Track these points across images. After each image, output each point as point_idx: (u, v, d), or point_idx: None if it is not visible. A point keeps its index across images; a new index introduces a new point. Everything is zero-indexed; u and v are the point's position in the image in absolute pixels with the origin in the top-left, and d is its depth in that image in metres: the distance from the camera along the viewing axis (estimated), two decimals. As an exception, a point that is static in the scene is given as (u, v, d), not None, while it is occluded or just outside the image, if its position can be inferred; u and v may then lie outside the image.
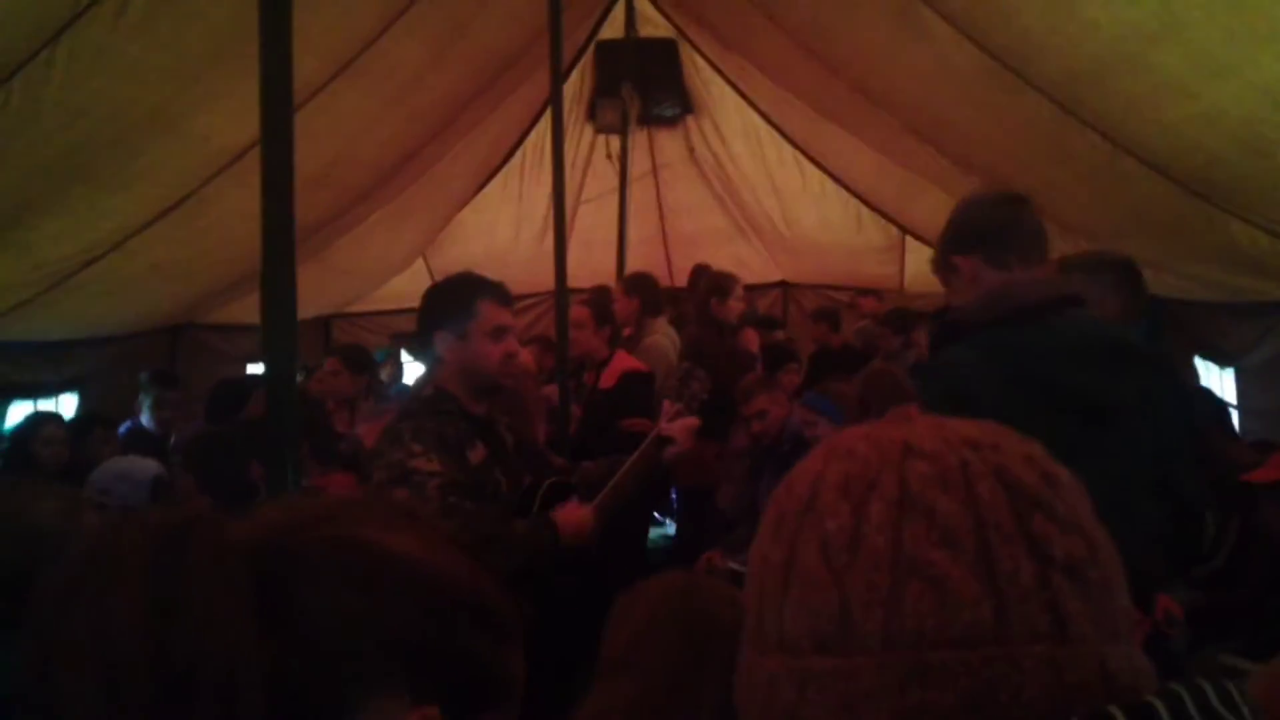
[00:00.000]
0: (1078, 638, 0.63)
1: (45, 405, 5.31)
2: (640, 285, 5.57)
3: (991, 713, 0.61)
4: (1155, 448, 2.15)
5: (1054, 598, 0.63)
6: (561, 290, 4.64)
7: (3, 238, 4.11)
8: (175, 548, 0.63)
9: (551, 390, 4.90)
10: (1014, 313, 2.18)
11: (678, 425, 2.99)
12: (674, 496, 6.23)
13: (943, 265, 2.43)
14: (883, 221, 8.27)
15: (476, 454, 2.57)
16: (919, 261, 8.33)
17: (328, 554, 0.70)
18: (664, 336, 5.40)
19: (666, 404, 3.11)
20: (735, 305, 5.70)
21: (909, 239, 8.24)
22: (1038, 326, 2.15)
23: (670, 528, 6.86)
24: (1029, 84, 3.77)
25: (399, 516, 0.77)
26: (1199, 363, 5.46)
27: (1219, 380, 5.32)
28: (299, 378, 7.04)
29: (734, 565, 4.32)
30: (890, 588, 0.64)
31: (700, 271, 6.45)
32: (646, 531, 5.71)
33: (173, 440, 5.00)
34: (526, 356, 5.27)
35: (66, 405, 5.65)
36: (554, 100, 4.82)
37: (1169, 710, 0.60)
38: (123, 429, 5.04)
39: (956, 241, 2.37)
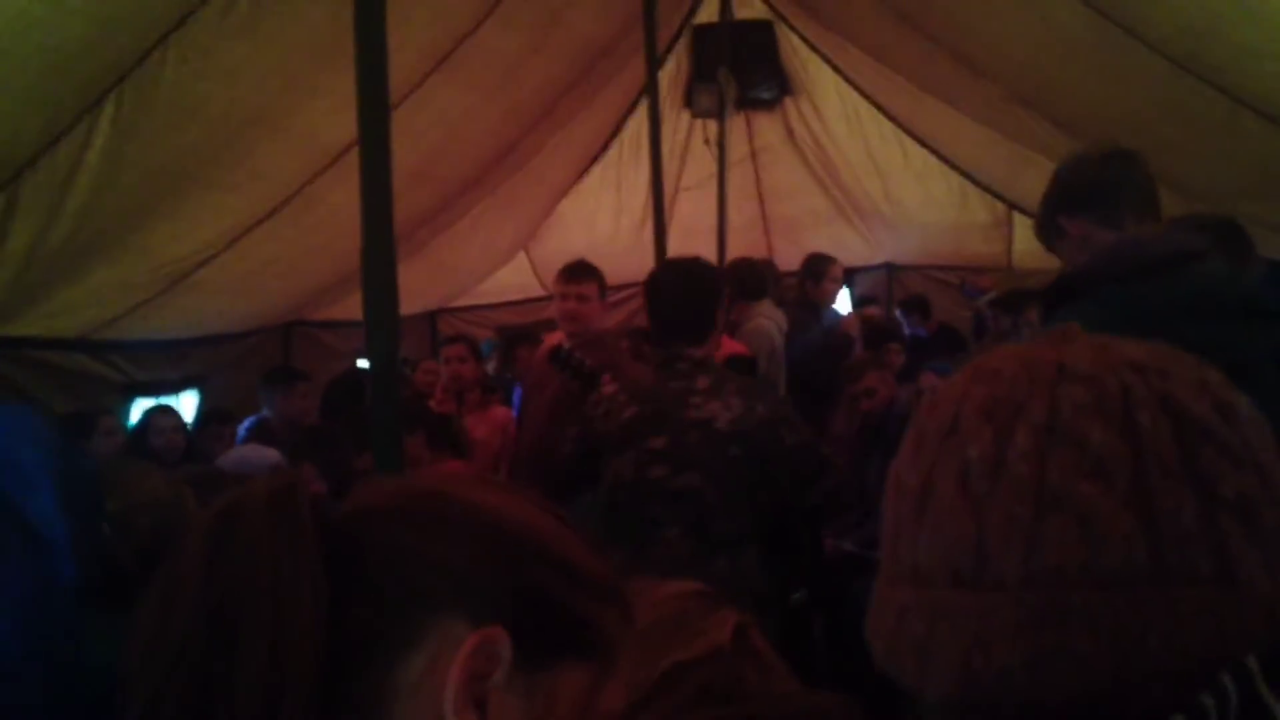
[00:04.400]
0: (1245, 583, 0.58)
1: (167, 402, 5.48)
2: (728, 276, 5.52)
3: (1137, 658, 0.57)
4: None
5: (1220, 540, 0.58)
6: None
7: (124, 240, 4.26)
8: (238, 504, 0.65)
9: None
10: (1137, 268, 2.05)
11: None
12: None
13: (1048, 229, 2.33)
14: (988, 197, 8.06)
15: None
16: (1027, 237, 8.12)
17: (402, 501, 0.72)
18: (766, 319, 5.34)
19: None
20: (830, 286, 5.62)
21: (1016, 214, 8.02)
22: (1163, 282, 2.01)
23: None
24: (1141, 40, 3.62)
25: (482, 481, 0.80)
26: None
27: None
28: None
29: (848, 547, 4.28)
30: (1032, 520, 0.60)
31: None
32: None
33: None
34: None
35: (187, 403, 5.84)
36: (650, 87, 4.82)
37: None
38: (247, 423, 5.19)
39: (1063, 202, 2.27)
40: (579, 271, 4.04)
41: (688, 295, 2.99)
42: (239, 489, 0.67)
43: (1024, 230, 8.09)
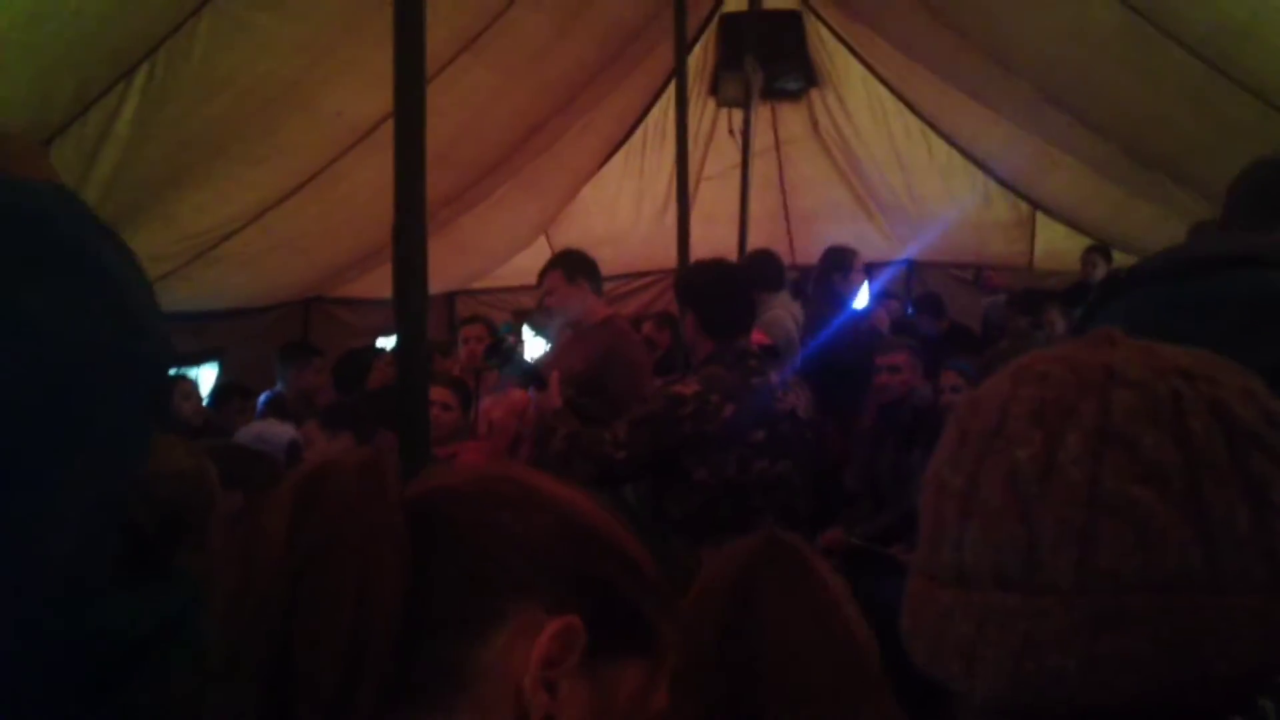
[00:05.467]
0: None
1: (186, 373, 5.50)
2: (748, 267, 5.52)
3: (1191, 664, 0.57)
4: None
5: (1273, 545, 0.58)
6: (683, 267, 4.62)
7: (150, 210, 4.27)
8: (327, 469, 0.67)
9: None
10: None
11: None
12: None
13: None
14: (1012, 197, 8.05)
15: None
16: (1050, 238, 8.10)
17: (481, 483, 0.74)
18: (783, 309, 5.34)
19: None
20: (857, 279, 5.60)
21: (1039, 215, 7.98)
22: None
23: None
24: (1175, 39, 3.60)
25: (549, 478, 0.79)
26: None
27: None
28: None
29: (855, 541, 4.26)
30: (1085, 524, 0.60)
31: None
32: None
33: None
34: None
35: (206, 375, 5.86)
36: (678, 73, 4.81)
37: None
38: (264, 397, 5.21)
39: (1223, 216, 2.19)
40: (541, 273, 4.09)
41: (741, 290, 3.21)
42: (326, 459, 0.68)
43: (1047, 230, 8.07)
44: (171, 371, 5.28)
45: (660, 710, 0.77)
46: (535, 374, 3.11)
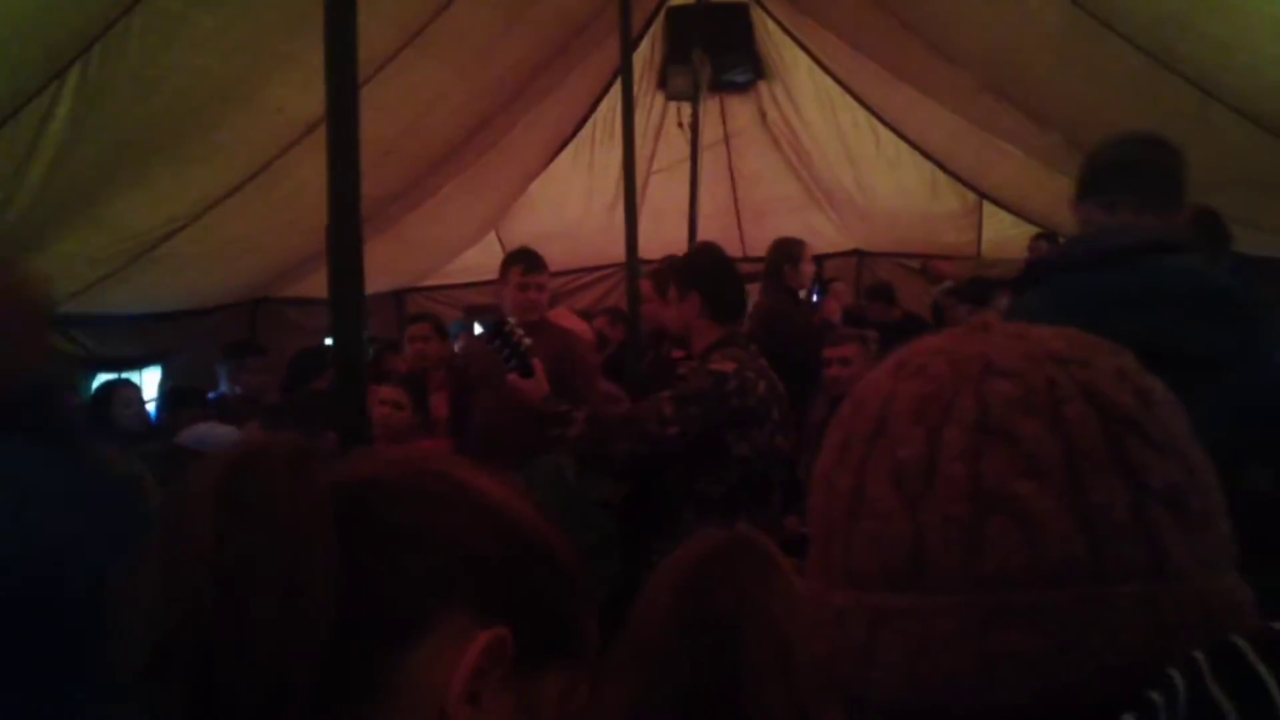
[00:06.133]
0: (1177, 574, 0.57)
1: (128, 378, 5.41)
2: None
3: (1083, 657, 0.56)
4: (1264, 409, 1.92)
5: (1152, 531, 0.57)
6: (632, 262, 4.61)
7: (87, 212, 4.20)
8: (253, 460, 0.63)
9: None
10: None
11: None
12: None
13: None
14: (959, 187, 8.10)
15: None
16: (997, 227, 8.17)
17: (413, 478, 0.71)
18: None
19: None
20: (807, 269, 5.62)
21: (986, 204, 8.06)
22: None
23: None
24: (1114, 31, 3.64)
25: (481, 470, 0.76)
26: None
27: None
28: (369, 351, 7.13)
29: (806, 530, 4.28)
30: (970, 522, 0.59)
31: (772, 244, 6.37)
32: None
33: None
34: (579, 324, 5.31)
35: (150, 379, 5.77)
36: (624, 68, 4.79)
37: None
38: (211, 397, 5.13)
39: (1076, 190, 2.24)
40: (538, 264, 4.18)
41: (739, 275, 3.36)
42: (251, 447, 0.65)
43: (994, 220, 8.14)
44: (113, 376, 5.22)
45: (582, 708, 0.76)
46: (525, 361, 3.09)
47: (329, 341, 6.29)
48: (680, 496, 3.09)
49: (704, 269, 3.28)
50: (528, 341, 3.14)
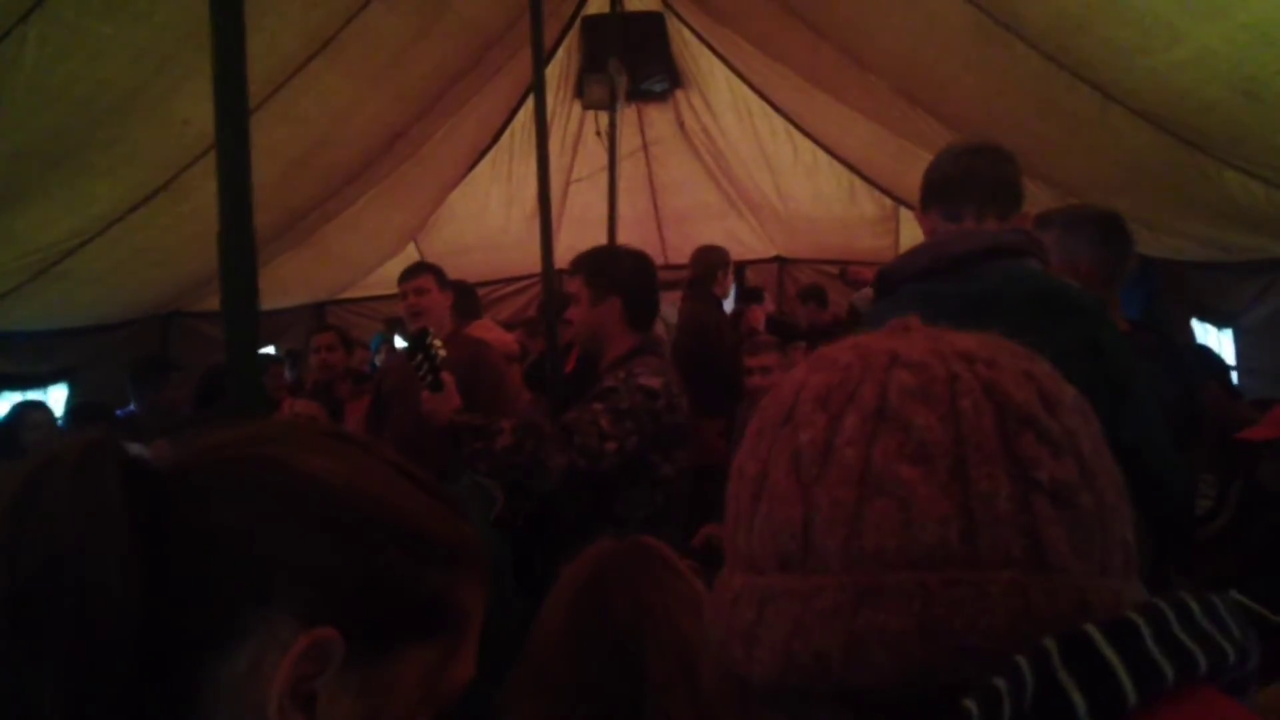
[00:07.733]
0: (1057, 567, 0.58)
1: (35, 396, 5.26)
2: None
3: (946, 639, 0.57)
4: (1115, 408, 1.90)
5: (1033, 523, 0.58)
6: (548, 272, 4.58)
7: (-15, 227, 4.07)
8: (42, 473, 0.60)
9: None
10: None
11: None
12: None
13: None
14: (876, 193, 8.22)
15: None
16: (914, 233, 8.27)
17: (234, 468, 0.67)
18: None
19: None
20: (727, 279, 5.65)
21: (903, 210, 8.18)
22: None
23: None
24: (1017, 35, 3.71)
25: (331, 440, 0.73)
26: (1196, 325, 5.42)
27: (1217, 341, 5.28)
28: (286, 364, 7.02)
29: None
30: (855, 504, 0.60)
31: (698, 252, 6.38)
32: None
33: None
34: (503, 335, 5.31)
35: (57, 396, 5.61)
36: (536, 77, 4.76)
37: (1151, 626, 0.55)
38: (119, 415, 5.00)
39: (920, 201, 2.30)
40: (412, 270, 4.46)
41: (655, 280, 3.20)
42: (49, 451, 0.62)
43: (911, 225, 8.25)
44: (23, 396, 5.07)
45: (463, 682, 0.74)
46: (437, 374, 2.97)
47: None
48: (595, 519, 2.86)
49: (625, 276, 3.09)
50: (443, 353, 3.02)
